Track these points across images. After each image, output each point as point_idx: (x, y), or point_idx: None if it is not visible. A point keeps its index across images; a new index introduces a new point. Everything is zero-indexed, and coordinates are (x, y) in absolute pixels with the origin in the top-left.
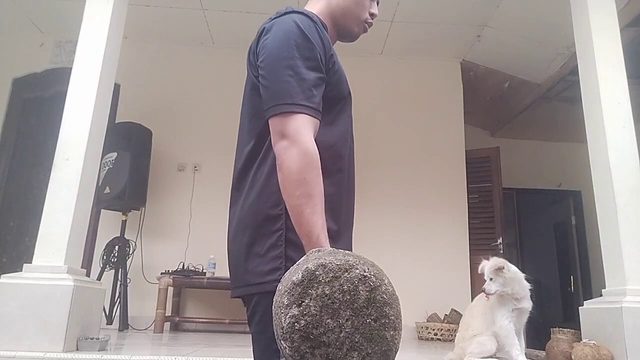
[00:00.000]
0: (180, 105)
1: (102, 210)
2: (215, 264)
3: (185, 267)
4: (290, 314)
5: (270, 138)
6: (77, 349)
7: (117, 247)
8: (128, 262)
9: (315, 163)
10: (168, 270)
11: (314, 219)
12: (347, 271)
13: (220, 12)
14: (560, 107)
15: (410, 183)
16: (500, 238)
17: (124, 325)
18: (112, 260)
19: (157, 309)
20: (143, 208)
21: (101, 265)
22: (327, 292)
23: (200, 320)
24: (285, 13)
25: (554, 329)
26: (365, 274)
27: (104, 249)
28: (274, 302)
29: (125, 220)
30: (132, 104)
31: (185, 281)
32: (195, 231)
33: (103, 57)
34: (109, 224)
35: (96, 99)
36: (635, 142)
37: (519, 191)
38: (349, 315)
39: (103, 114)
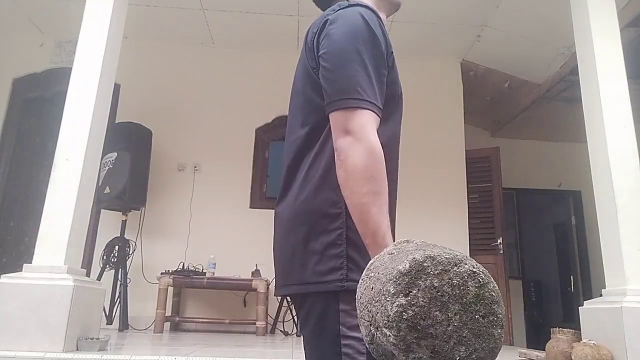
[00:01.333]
0: (180, 105)
1: (102, 210)
2: (215, 264)
3: (185, 267)
4: (397, 303)
5: (326, 131)
6: (77, 349)
7: (117, 247)
8: (128, 262)
9: (381, 161)
10: (168, 270)
11: (380, 218)
12: (456, 265)
13: (220, 12)
14: (560, 107)
15: (410, 183)
16: (500, 238)
17: (124, 325)
18: (112, 260)
19: (157, 309)
20: (143, 208)
21: (101, 265)
22: (436, 284)
23: (200, 320)
24: (350, 6)
25: (554, 329)
26: (474, 270)
27: (104, 249)
28: (370, 290)
29: (125, 220)
30: (132, 104)
31: (185, 281)
32: (195, 231)
33: (103, 57)
34: (109, 224)
35: (96, 99)
36: (635, 142)
37: (519, 191)
38: (458, 309)
39: (103, 114)
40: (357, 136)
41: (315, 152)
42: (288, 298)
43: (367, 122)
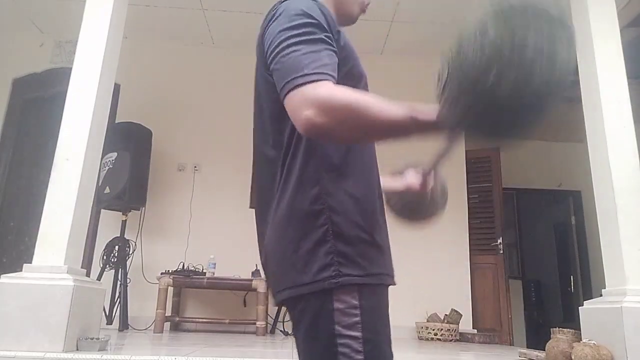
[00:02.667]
0: (180, 105)
1: (102, 210)
2: (215, 264)
3: (185, 267)
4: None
5: (291, 130)
6: (77, 349)
7: (117, 247)
8: (128, 262)
9: (341, 101)
10: (168, 270)
11: (386, 114)
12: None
13: (220, 12)
14: (560, 107)
15: None
16: (500, 238)
17: (124, 325)
18: (112, 260)
19: (157, 309)
20: (143, 208)
21: (101, 265)
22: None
23: (200, 320)
24: (283, 0)
25: (554, 329)
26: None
27: (104, 249)
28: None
29: (125, 220)
30: (132, 104)
31: (185, 281)
32: (195, 231)
33: (103, 57)
34: (109, 224)
35: (96, 99)
36: (635, 142)
37: (519, 191)
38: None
39: (103, 114)
40: (312, 103)
41: (291, 153)
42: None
43: (313, 88)
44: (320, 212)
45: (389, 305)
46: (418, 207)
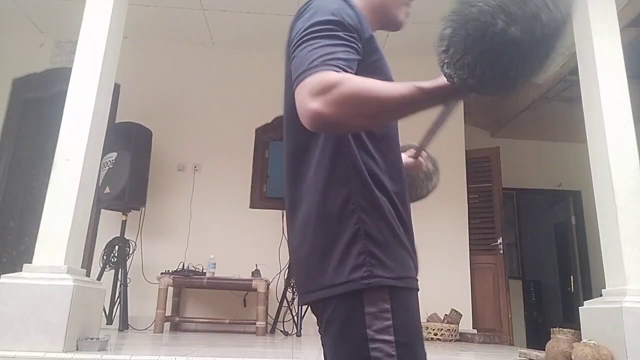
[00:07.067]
0: (180, 105)
1: (102, 210)
2: (215, 264)
3: (185, 267)
4: None
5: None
6: (77, 349)
7: (117, 247)
8: (128, 262)
9: (359, 88)
10: (168, 270)
11: (393, 91)
12: None
13: (220, 12)
14: (560, 107)
15: None
16: (500, 238)
17: (124, 325)
18: (112, 260)
19: (157, 309)
20: (143, 208)
21: (101, 265)
22: None
23: (200, 320)
24: None
25: (554, 329)
26: None
27: (104, 249)
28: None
29: (125, 220)
30: (132, 104)
31: (185, 281)
32: (195, 231)
33: (103, 57)
34: (109, 224)
35: (96, 99)
36: (635, 142)
37: (519, 191)
38: None
39: (103, 114)
40: (317, 92)
41: (320, 151)
42: (288, 297)
43: (319, 79)
44: (352, 213)
45: (419, 308)
46: (413, 184)
